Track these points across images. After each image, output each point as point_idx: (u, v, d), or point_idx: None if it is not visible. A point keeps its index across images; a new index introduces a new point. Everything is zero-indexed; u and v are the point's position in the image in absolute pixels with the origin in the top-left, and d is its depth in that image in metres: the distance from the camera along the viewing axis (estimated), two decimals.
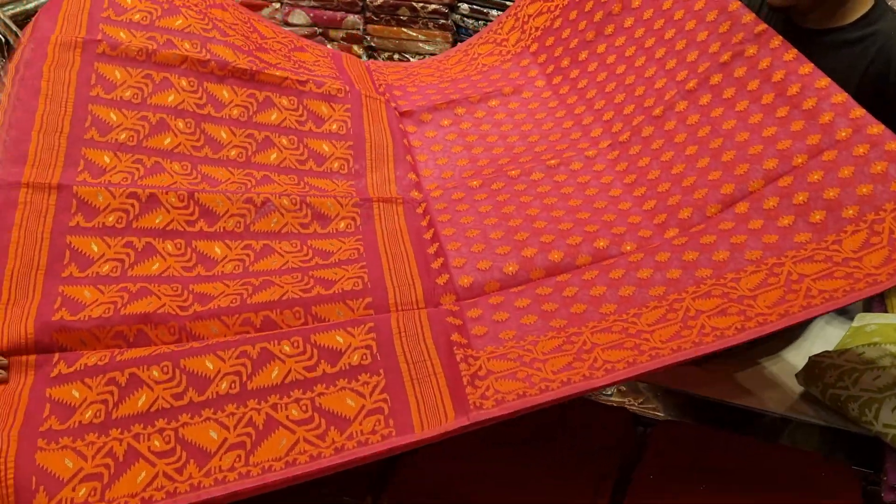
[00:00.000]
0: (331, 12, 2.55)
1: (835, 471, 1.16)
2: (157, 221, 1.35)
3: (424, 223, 1.45)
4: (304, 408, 1.12)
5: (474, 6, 2.34)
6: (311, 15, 2.57)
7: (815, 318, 1.37)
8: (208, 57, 1.57)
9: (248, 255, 1.38)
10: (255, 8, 2.63)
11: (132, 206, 1.35)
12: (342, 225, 1.44)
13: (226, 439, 1.10)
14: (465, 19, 2.38)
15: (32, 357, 1.19)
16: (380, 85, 1.84)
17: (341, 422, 1.10)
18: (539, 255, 1.31)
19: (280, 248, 1.39)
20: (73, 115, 1.41)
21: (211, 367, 1.16)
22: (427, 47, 2.47)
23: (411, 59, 2.47)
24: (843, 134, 1.23)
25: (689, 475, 1.11)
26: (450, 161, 1.65)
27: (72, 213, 1.31)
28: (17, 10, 1.90)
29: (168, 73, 1.52)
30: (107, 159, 1.39)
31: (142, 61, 1.51)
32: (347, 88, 1.70)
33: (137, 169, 1.41)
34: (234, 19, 1.73)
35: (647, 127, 1.51)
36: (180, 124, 1.48)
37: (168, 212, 1.36)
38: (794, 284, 1.09)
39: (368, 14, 2.52)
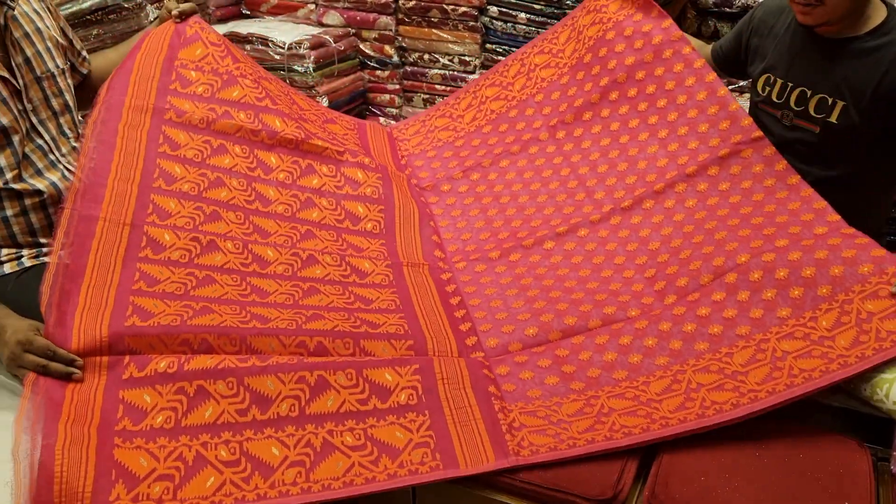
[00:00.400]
0: (364, 13, 2.65)
1: (847, 447, 1.25)
2: (216, 260, 1.52)
3: (450, 289, 1.64)
4: (357, 436, 1.27)
5: (503, 9, 2.47)
6: (345, 16, 2.67)
7: None
8: (260, 127, 1.76)
9: (297, 292, 1.53)
10: (292, 9, 2.71)
11: (194, 247, 1.51)
12: (378, 279, 1.62)
13: (286, 457, 1.23)
14: (494, 21, 2.50)
15: (105, 358, 1.29)
16: (402, 157, 2.03)
17: (392, 451, 1.25)
18: (555, 320, 1.52)
19: (325, 289, 1.55)
20: (143, 168, 1.57)
21: (272, 388, 1.30)
22: (456, 48, 2.59)
23: (441, 60, 2.63)
24: (820, 230, 1.49)
25: (708, 448, 1.24)
26: (468, 224, 1.87)
27: (142, 247, 1.46)
28: (74, 9, 1.98)
29: (224, 140, 1.70)
30: (172, 205, 1.55)
31: (202, 129, 1.69)
32: (376, 163, 1.91)
33: (199, 215, 1.57)
34: (278, 91, 1.91)
35: (648, 200, 1.74)
36: (234, 182, 1.65)
37: (225, 255, 1.53)
38: (778, 362, 1.31)
39: (400, 16, 2.63)
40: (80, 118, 1.69)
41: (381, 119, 2.77)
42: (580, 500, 1.19)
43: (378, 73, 2.70)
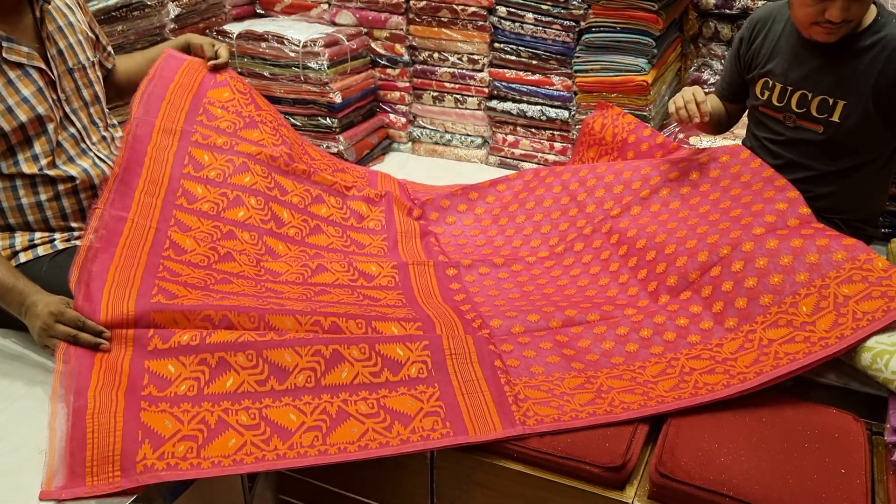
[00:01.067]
0: (375, 13, 2.71)
1: (844, 420, 1.33)
2: (231, 267, 1.62)
3: (455, 287, 1.72)
4: (371, 405, 1.35)
5: (511, 9, 2.52)
6: (358, 16, 2.73)
7: None
8: (278, 154, 1.86)
9: (308, 292, 1.62)
10: (305, 8, 2.79)
11: (212, 255, 1.61)
12: (385, 281, 1.72)
13: (304, 422, 1.31)
14: (503, 21, 2.55)
15: (131, 331, 1.38)
16: (411, 195, 2.11)
17: (404, 418, 1.33)
18: (556, 311, 1.60)
19: (335, 291, 1.64)
20: (168, 186, 1.67)
21: (290, 360, 1.37)
22: (465, 47, 2.63)
23: (450, 58, 2.68)
24: (793, 222, 1.58)
25: (713, 420, 1.31)
26: (469, 241, 1.97)
27: (165, 248, 1.56)
28: (100, 5, 2.06)
29: (246, 159, 1.80)
30: (192, 221, 1.65)
31: (226, 149, 1.79)
32: (382, 194, 2.01)
33: (216, 232, 1.66)
34: (294, 139, 2.00)
35: (635, 206, 1.84)
36: (252, 201, 1.75)
37: (240, 266, 1.63)
38: (765, 349, 1.41)
39: (411, 15, 2.68)
40: (108, 110, 1.77)
41: (392, 115, 2.84)
42: (591, 468, 1.27)
43: (389, 71, 2.77)
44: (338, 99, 2.53)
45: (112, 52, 1.86)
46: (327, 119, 2.57)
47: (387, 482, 1.46)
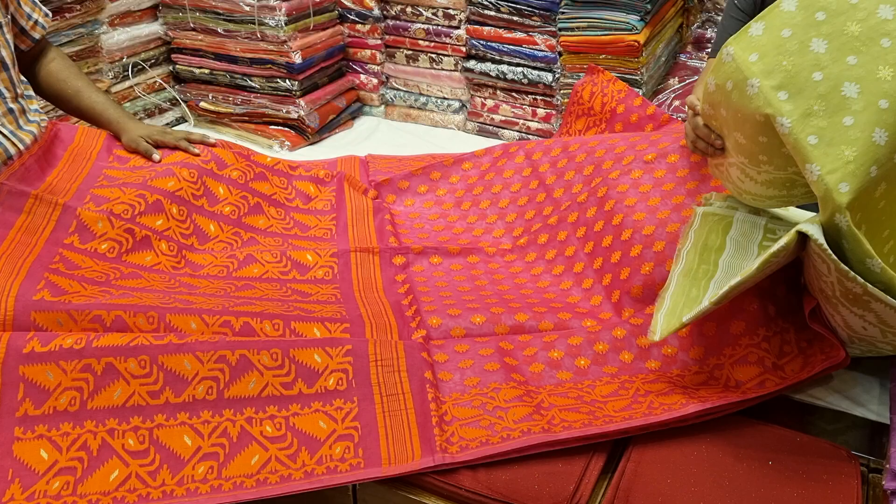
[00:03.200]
0: None
1: (835, 455, 1.14)
2: (145, 260, 1.46)
3: (400, 278, 1.53)
4: (278, 426, 1.17)
5: None
6: None
7: None
8: (210, 157, 1.68)
9: (229, 287, 1.44)
10: None
11: (125, 240, 1.45)
12: (321, 273, 1.53)
13: (200, 447, 1.14)
14: None
15: (7, 334, 1.20)
16: (370, 175, 1.90)
17: (313, 443, 1.15)
18: (506, 314, 1.39)
19: (260, 286, 1.46)
20: (89, 171, 1.57)
21: (189, 368, 1.19)
22: (441, 1, 2.38)
23: (424, 13, 2.42)
24: None
25: (680, 452, 1.14)
26: (426, 226, 1.76)
27: (69, 232, 1.40)
28: None
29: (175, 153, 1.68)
30: (112, 193, 1.51)
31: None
32: (334, 174, 1.81)
33: (138, 203, 1.51)
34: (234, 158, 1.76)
35: (602, 188, 1.59)
36: (185, 172, 1.61)
37: (157, 255, 1.48)
38: (731, 387, 1.22)
39: None
40: (19, 78, 1.57)
41: (362, 76, 2.60)
42: None
43: (358, 27, 2.53)
44: (297, 59, 2.30)
45: (43, 22, 1.65)
46: (287, 81, 2.34)
47: None
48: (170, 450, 1.14)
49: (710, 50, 1.71)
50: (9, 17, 1.56)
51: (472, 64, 2.41)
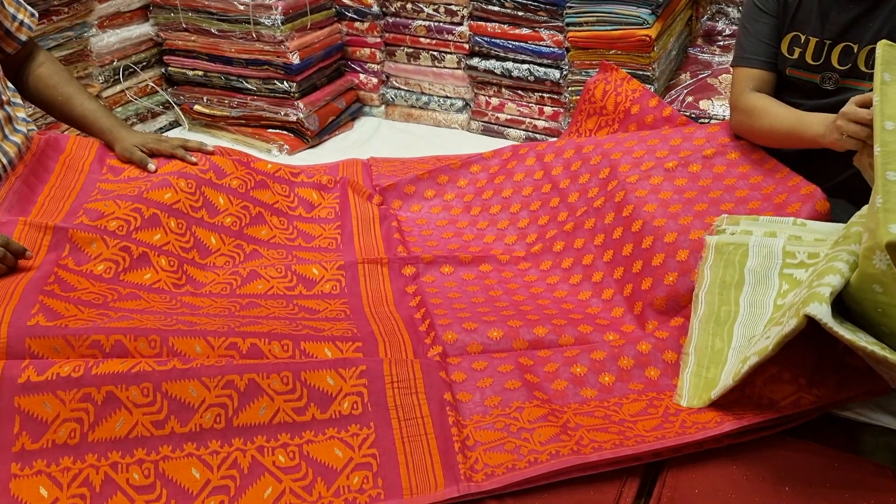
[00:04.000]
0: None
1: (883, 476, 1.08)
2: (142, 276, 1.39)
3: (411, 290, 1.46)
4: (291, 455, 1.10)
5: None
6: None
7: None
8: (208, 166, 1.61)
9: (234, 306, 1.37)
10: None
11: (122, 259, 1.39)
12: (328, 287, 1.46)
13: (209, 481, 1.07)
14: None
15: (1, 363, 1.13)
16: (374, 180, 1.83)
17: (329, 473, 1.08)
18: (524, 327, 1.33)
19: (266, 303, 1.39)
20: (80, 189, 1.51)
21: (195, 395, 1.12)
22: None
23: (425, 9, 2.35)
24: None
25: (718, 476, 1.09)
26: (434, 233, 1.69)
27: (63, 255, 1.34)
28: None
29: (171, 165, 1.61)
30: (105, 207, 1.44)
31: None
32: (337, 179, 1.74)
33: (135, 218, 1.45)
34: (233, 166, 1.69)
35: (619, 192, 1.53)
36: (182, 183, 1.54)
37: (156, 273, 1.41)
38: (766, 405, 1.15)
39: None
40: (3, 84, 1.50)
41: (362, 76, 2.53)
42: None
43: (357, 24, 2.45)
44: (295, 59, 2.22)
45: (29, 23, 1.57)
46: (284, 83, 2.26)
47: None
48: (177, 484, 1.07)
49: (732, 56, 1.62)
50: None
51: (475, 61, 2.34)
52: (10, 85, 1.54)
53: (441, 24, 2.35)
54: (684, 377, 1.20)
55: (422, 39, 2.40)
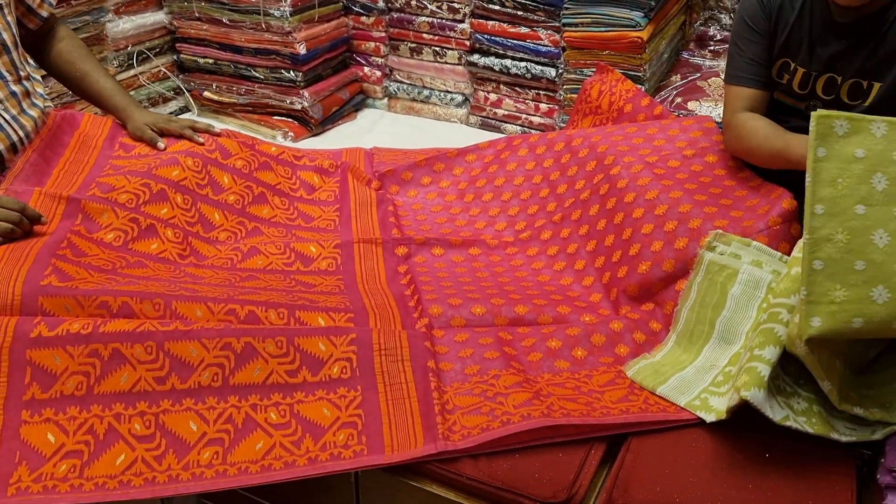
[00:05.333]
0: None
1: (831, 451, 1.13)
2: (151, 248, 1.46)
3: (402, 269, 1.54)
4: (282, 413, 1.18)
5: None
6: None
7: None
8: (214, 146, 1.69)
9: (233, 277, 1.45)
10: None
11: (131, 229, 1.46)
12: (324, 265, 1.54)
13: (205, 433, 1.15)
14: None
15: (14, 319, 1.21)
16: (375, 167, 1.90)
17: (316, 430, 1.16)
18: (506, 305, 1.41)
19: (264, 277, 1.47)
20: (93, 164, 1.58)
21: (195, 355, 1.20)
22: None
23: (429, 6, 2.42)
24: (773, 221, 1.39)
25: (686, 444, 1.15)
26: (428, 218, 1.77)
27: (76, 222, 1.41)
28: None
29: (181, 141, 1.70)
30: (116, 181, 1.51)
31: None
32: (338, 164, 1.82)
33: (144, 192, 1.52)
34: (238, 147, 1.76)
35: (604, 185, 1.61)
36: (189, 161, 1.62)
37: (163, 243, 1.49)
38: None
39: None
40: (22, 60, 1.58)
41: (366, 68, 2.61)
42: (531, 502, 1.08)
43: (363, 19, 2.54)
44: (302, 50, 2.31)
45: None
46: (291, 72, 2.35)
47: (311, 501, 1.31)
48: (175, 435, 1.14)
49: (724, 73, 1.62)
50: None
51: (475, 58, 2.42)
52: (30, 61, 1.61)
53: (444, 20, 2.43)
54: (641, 362, 1.27)
55: (425, 35, 2.48)
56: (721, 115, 1.65)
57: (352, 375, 1.22)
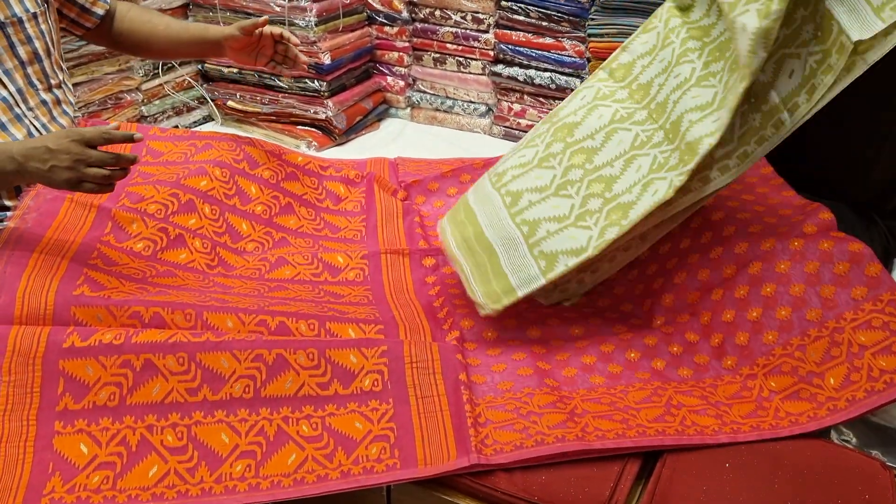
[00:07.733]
0: None
1: (870, 466, 1.13)
2: (179, 258, 1.47)
3: (431, 280, 1.53)
4: (314, 426, 1.17)
5: None
6: None
7: None
8: (242, 156, 1.69)
9: (262, 287, 1.45)
10: None
11: (160, 238, 1.47)
12: (352, 275, 1.54)
13: (237, 445, 1.15)
14: None
15: (47, 329, 1.21)
16: (400, 177, 1.90)
17: (349, 443, 1.15)
18: (538, 318, 1.40)
19: (293, 287, 1.47)
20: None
21: (226, 366, 1.20)
22: (470, 4, 2.39)
23: (453, 17, 2.43)
24: (810, 229, 1.30)
25: (724, 461, 1.13)
26: None
27: (105, 232, 1.42)
28: None
29: (210, 139, 1.69)
30: (146, 191, 1.51)
31: (186, 137, 1.70)
32: (364, 174, 1.82)
33: (172, 202, 1.52)
34: (266, 157, 1.76)
35: None
36: (217, 172, 1.62)
37: (191, 253, 1.49)
38: (764, 402, 1.20)
39: None
40: (55, 68, 1.58)
41: (389, 78, 2.62)
42: None
43: (386, 29, 2.54)
44: (327, 60, 2.31)
45: None
46: (315, 82, 2.35)
47: None
48: (208, 447, 1.14)
49: None
50: (44, 4, 1.54)
51: (499, 68, 2.41)
52: (64, 68, 1.62)
53: (468, 31, 2.43)
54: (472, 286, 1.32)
55: (448, 45, 2.49)
56: None
57: (383, 388, 1.22)
